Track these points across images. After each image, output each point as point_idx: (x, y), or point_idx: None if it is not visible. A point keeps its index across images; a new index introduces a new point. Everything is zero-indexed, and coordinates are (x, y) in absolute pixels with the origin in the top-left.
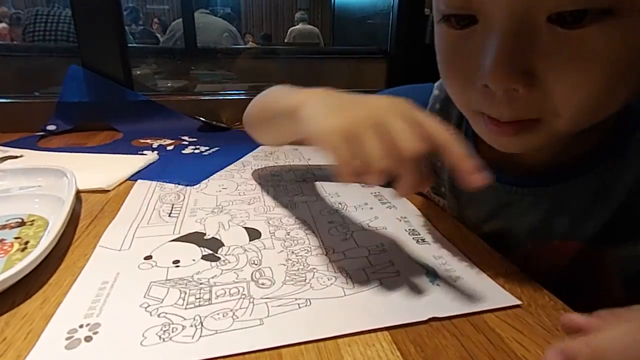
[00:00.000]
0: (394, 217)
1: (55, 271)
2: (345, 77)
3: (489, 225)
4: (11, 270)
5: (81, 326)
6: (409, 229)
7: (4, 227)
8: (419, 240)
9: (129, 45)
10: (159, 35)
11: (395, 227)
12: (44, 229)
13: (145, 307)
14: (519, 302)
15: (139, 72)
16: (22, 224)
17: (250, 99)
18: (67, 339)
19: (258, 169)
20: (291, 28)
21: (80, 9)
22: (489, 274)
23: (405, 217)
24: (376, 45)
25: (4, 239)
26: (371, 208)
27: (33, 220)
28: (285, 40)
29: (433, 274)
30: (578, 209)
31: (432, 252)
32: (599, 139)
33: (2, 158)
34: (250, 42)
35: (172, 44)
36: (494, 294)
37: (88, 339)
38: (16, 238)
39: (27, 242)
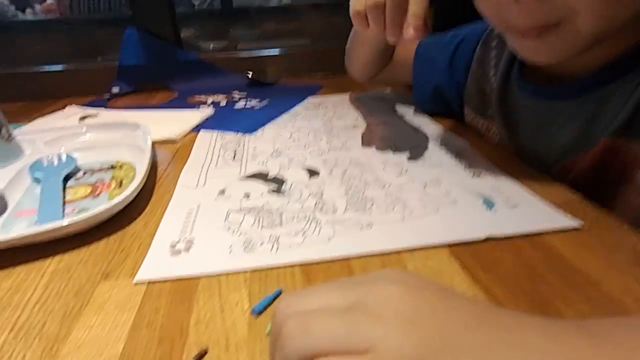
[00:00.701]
0: (447, 154)
1: (148, 204)
2: None
3: (535, 144)
4: (117, 198)
5: (179, 241)
6: (465, 164)
7: (100, 170)
8: (475, 174)
9: None
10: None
11: (449, 163)
12: (132, 171)
13: (228, 228)
14: (579, 224)
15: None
16: (113, 167)
17: (292, 54)
18: (171, 247)
19: (309, 118)
20: None
21: None
22: (548, 201)
23: (459, 154)
24: None
25: (103, 179)
26: (424, 148)
27: (121, 165)
28: None
29: (490, 202)
30: (615, 111)
31: (488, 184)
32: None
33: (82, 117)
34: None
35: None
36: (553, 217)
37: (186, 249)
38: (112, 178)
39: (121, 181)
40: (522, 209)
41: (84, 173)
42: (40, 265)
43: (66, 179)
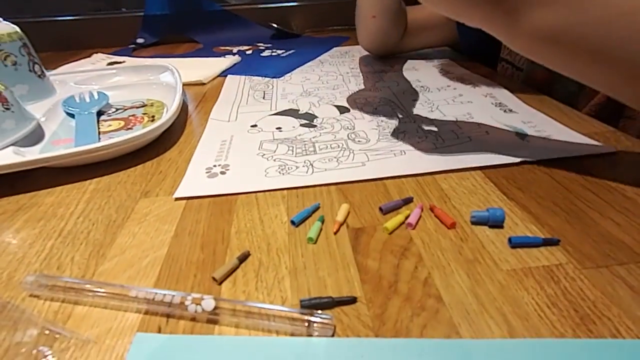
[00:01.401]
0: (479, 93)
1: (182, 135)
2: None
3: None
4: (152, 125)
5: (215, 165)
6: (496, 102)
7: (131, 107)
8: (506, 110)
9: None
10: None
11: (481, 101)
12: (163, 107)
13: (262, 155)
14: (613, 149)
15: None
16: (144, 105)
17: (317, 5)
18: (207, 172)
19: (336, 64)
20: None
21: None
22: (582, 133)
23: (490, 94)
24: None
25: (135, 114)
26: (454, 89)
27: (152, 103)
28: None
29: (522, 133)
30: None
31: (520, 119)
32: None
33: (110, 63)
34: None
35: None
36: (587, 146)
37: (223, 173)
38: (144, 114)
39: (153, 116)
40: (556, 139)
41: (116, 110)
42: (81, 185)
43: (99, 115)
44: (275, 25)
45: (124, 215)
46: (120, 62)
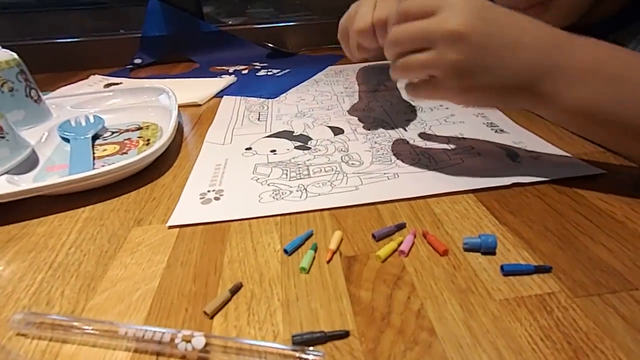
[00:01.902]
0: (470, 113)
1: (176, 159)
2: None
3: None
4: (146, 152)
5: (209, 191)
6: (487, 122)
7: (127, 130)
8: (498, 130)
9: None
10: None
11: (472, 121)
12: (159, 131)
13: (256, 180)
14: (603, 171)
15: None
16: (140, 128)
17: (312, 25)
18: (201, 198)
19: (331, 84)
20: None
21: None
22: (572, 153)
23: (482, 113)
24: None
25: (130, 138)
26: (447, 108)
27: (148, 126)
28: None
29: (514, 154)
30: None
31: (511, 139)
32: None
33: (107, 84)
34: None
35: None
36: (577, 167)
37: (217, 198)
38: (139, 137)
39: (148, 140)
40: (546, 160)
41: (112, 133)
42: (74, 213)
43: (94, 139)
44: (270, 45)
45: (116, 245)
46: (117, 84)
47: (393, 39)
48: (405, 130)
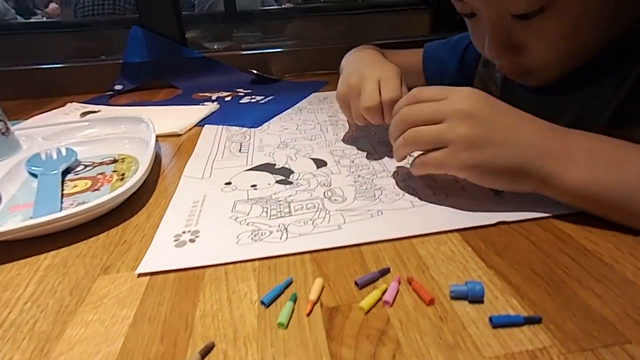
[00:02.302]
0: None
1: (152, 195)
2: (387, 29)
3: None
4: (118, 190)
5: (184, 232)
6: None
7: (101, 163)
8: None
9: None
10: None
11: None
12: (135, 164)
13: (235, 219)
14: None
15: (186, 37)
16: (115, 161)
17: (297, 52)
18: (175, 240)
19: (314, 112)
20: None
21: None
22: None
23: None
24: None
25: (104, 172)
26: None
27: (124, 158)
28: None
29: (498, 189)
30: (603, 105)
31: None
32: (626, 42)
33: (84, 113)
34: (288, 4)
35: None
36: (559, 202)
37: (192, 240)
38: (114, 171)
39: (123, 174)
40: (530, 195)
41: (85, 167)
42: (35, 260)
43: (66, 173)
44: (254, 71)
45: (78, 297)
46: (95, 112)
47: (404, 116)
48: (390, 161)
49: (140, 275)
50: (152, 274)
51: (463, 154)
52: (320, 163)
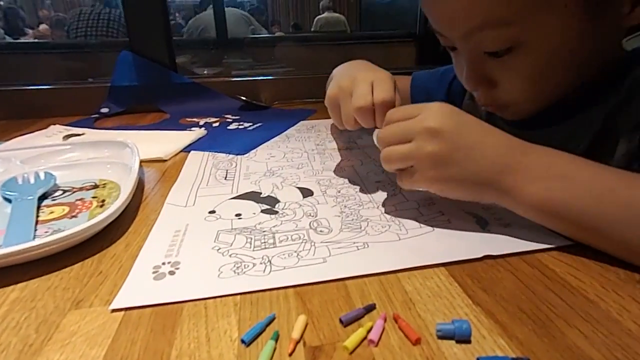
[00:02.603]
0: None
1: (132, 223)
2: (375, 60)
3: None
4: (97, 218)
5: (164, 263)
6: None
7: (81, 189)
8: None
9: None
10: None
11: None
12: (116, 190)
13: (217, 250)
14: (571, 242)
15: (176, 61)
16: (95, 186)
17: (286, 80)
18: (154, 272)
19: (302, 140)
20: (317, 17)
21: (130, 3)
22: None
23: None
24: (404, 29)
25: (83, 198)
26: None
27: (105, 184)
28: (312, 29)
29: (484, 222)
30: (580, 140)
31: (480, 204)
32: (595, 83)
33: (67, 135)
34: (278, 32)
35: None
36: (546, 237)
37: (172, 273)
38: (93, 197)
39: (103, 201)
40: (515, 228)
41: (63, 192)
42: (1, 293)
43: (43, 198)
44: (243, 98)
45: (45, 335)
46: (78, 135)
47: (381, 138)
48: (376, 192)
49: (114, 310)
50: (126, 309)
51: (430, 171)
52: (306, 192)
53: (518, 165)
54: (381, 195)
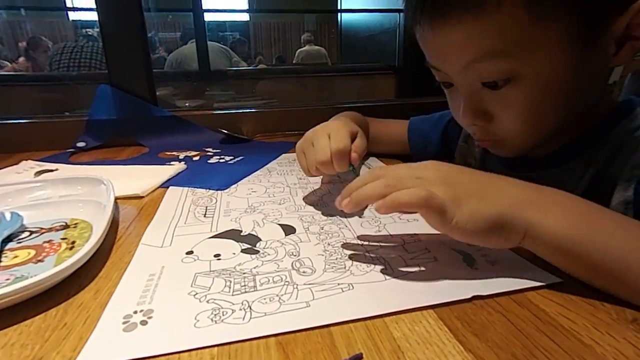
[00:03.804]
0: None
1: (104, 267)
2: (356, 92)
3: None
4: (64, 264)
5: (135, 312)
6: None
7: (50, 229)
8: None
9: None
10: None
11: None
12: (88, 230)
13: (194, 295)
14: (560, 280)
15: (158, 94)
16: (66, 226)
17: (268, 112)
18: (124, 323)
19: (284, 174)
20: (299, 50)
21: (109, 34)
22: (526, 258)
23: None
24: (384, 61)
25: (52, 240)
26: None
27: (76, 223)
28: (294, 62)
29: (470, 259)
30: (571, 186)
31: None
32: (587, 130)
33: (39, 171)
34: (262, 65)
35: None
36: (534, 274)
37: (144, 322)
38: (63, 239)
39: (73, 242)
40: (503, 266)
41: (30, 234)
42: None
43: (8, 240)
44: (224, 131)
45: None
46: (51, 170)
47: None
48: (360, 228)
49: None
50: None
51: (436, 216)
52: (288, 230)
53: (537, 199)
54: (365, 231)
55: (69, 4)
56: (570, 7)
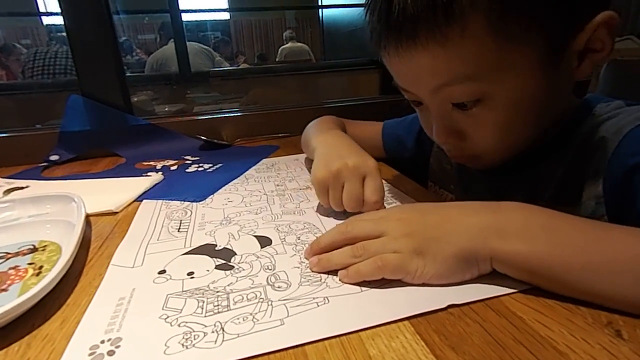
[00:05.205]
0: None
1: (72, 292)
2: (340, 89)
3: None
4: (28, 293)
5: (102, 342)
6: None
7: (16, 254)
8: None
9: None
10: None
11: None
12: (57, 253)
13: (165, 318)
14: (529, 286)
15: (136, 99)
16: (34, 250)
17: (248, 116)
18: (90, 355)
19: (261, 181)
20: (281, 47)
21: (77, 41)
22: None
23: None
24: (368, 56)
25: (18, 265)
26: (378, 208)
27: (45, 246)
28: (277, 59)
29: None
30: (546, 186)
31: None
32: (555, 132)
33: (8, 190)
34: (242, 64)
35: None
36: (509, 280)
37: (111, 353)
38: (30, 264)
39: (41, 267)
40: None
41: None
42: None
43: None
44: (203, 138)
45: None
46: (21, 188)
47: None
48: None
49: None
50: None
51: (412, 263)
52: (264, 241)
53: (496, 224)
54: None
55: (41, 9)
56: (536, 28)
